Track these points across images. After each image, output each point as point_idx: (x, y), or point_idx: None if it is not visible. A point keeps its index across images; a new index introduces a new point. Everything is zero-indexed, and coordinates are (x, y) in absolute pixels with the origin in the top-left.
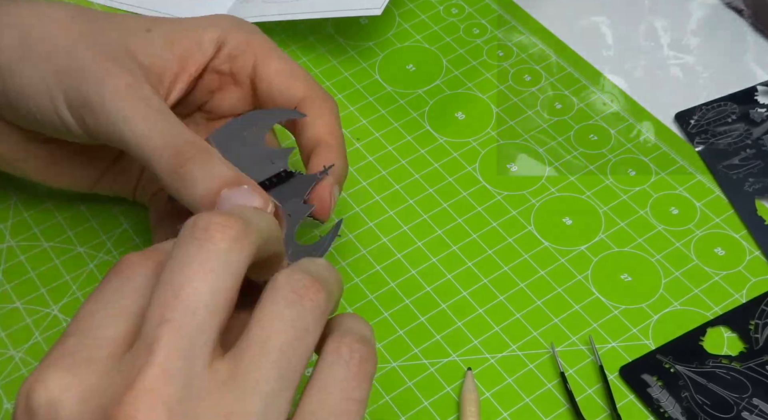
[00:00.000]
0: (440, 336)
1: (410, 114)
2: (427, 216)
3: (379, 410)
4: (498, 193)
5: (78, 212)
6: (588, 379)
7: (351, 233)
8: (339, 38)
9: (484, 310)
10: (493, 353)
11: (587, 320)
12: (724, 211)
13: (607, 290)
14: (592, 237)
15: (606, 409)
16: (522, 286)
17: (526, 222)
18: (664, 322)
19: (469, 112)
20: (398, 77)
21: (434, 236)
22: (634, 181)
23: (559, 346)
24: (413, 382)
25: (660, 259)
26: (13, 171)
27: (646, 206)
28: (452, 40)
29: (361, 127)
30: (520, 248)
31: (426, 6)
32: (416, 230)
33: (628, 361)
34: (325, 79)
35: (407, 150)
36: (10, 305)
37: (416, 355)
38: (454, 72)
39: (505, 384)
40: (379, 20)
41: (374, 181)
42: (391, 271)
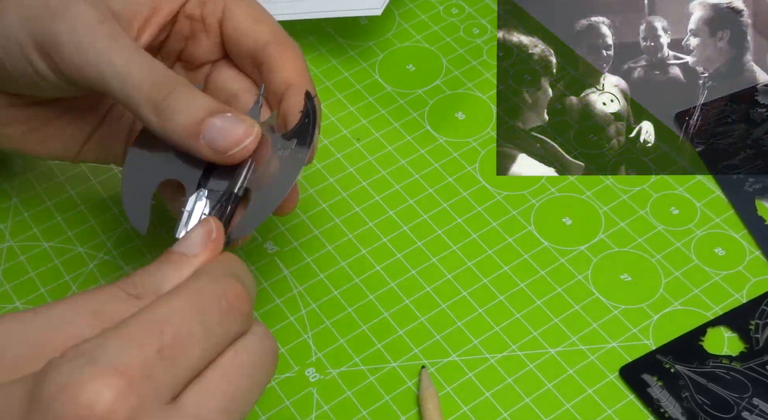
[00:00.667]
0: (440, 336)
1: (410, 114)
2: (427, 216)
3: (379, 410)
4: (498, 193)
5: (78, 212)
6: (588, 379)
7: (351, 233)
8: (339, 38)
9: (484, 310)
10: (493, 353)
11: (587, 320)
12: (724, 211)
13: (607, 290)
14: (592, 237)
15: (606, 409)
16: (522, 286)
17: (526, 222)
18: (664, 322)
19: (469, 112)
20: (398, 77)
21: (434, 236)
22: (634, 181)
23: (559, 346)
24: (413, 382)
25: (660, 259)
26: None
27: (646, 206)
28: (452, 40)
29: (361, 127)
30: (520, 248)
31: (426, 6)
32: (416, 230)
33: (628, 361)
34: (325, 79)
35: (407, 150)
36: (10, 305)
37: (416, 355)
38: (454, 72)
39: (505, 384)
40: (379, 20)
41: (374, 181)
42: (391, 271)
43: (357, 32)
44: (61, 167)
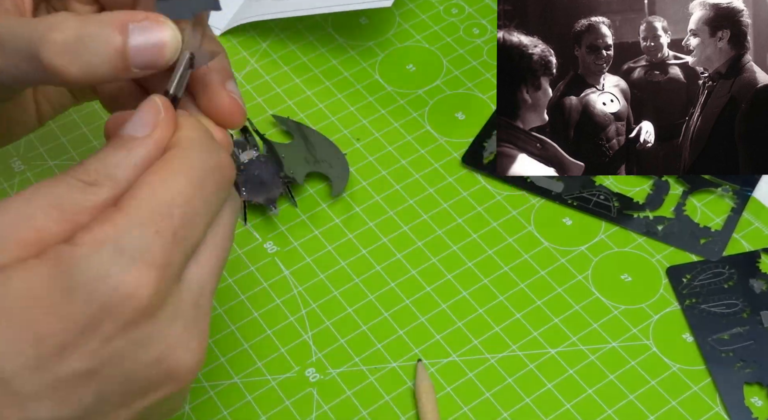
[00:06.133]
0: (440, 336)
1: (410, 114)
2: (427, 216)
3: (379, 410)
4: (498, 193)
5: None
6: (588, 379)
7: (351, 233)
8: (339, 38)
9: (484, 310)
10: (493, 353)
11: (587, 320)
12: (724, 211)
13: (607, 290)
14: (592, 237)
15: (606, 410)
16: (522, 286)
17: (526, 222)
18: (664, 322)
19: (469, 112)
20: (398, 77)
21: (434, 236)
22: (634, 181)
23: (559, 346)
24: (413, 382)
25: (660, 259)
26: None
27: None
28: (452, 40)
29: (361, 127)
30: (520, 248)
31: (426, 6)
32: (416, 230)
33: (628, 361)
34: (325, 79)
35: (407, 150)
36: None
37: (416, 355)
38: (454, 72)
39: (505, 384)
40: (379, 20)
41: (374, 181)
42: (391, 271)
43: (357, 32)
44: (62, 167)
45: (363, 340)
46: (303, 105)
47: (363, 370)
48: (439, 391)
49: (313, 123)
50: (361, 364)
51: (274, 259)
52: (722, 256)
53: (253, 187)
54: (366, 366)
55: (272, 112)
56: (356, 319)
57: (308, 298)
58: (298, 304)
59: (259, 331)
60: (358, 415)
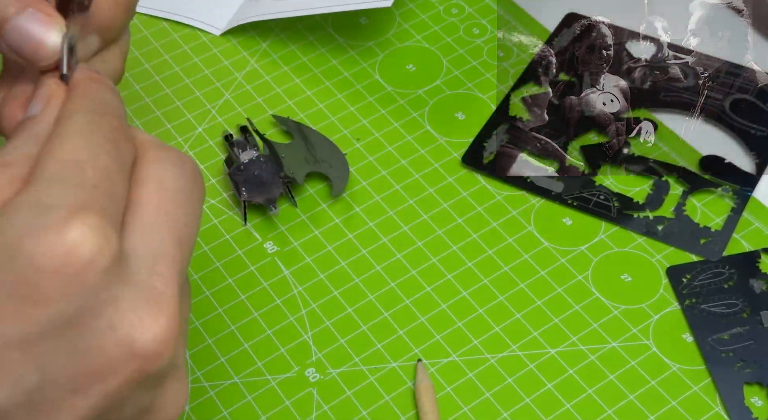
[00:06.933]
0: (440, 336)
1: (410, 114)
2: (427, 216)
3: (379, 410)
4: (498, 193)
5: None
6: (588, 379)
7: (351, 233)
8: (339, 38)
9: (484, 310)
10: (493, 353)
11: (587, 320)
12: (724, 212)
13: (607, 290)
14: (592, 237)
15: (606, 410)
16: (522, 287)
17: (526, 222)
18: (664, 322)
19: (469, 112)
20: (398, 77)
21: (434, 236)
22: (634, 181)
23: (559, 346)
24: (413, 382)
25: (660, 259)
26: None
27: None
28: (452, 40)
29: (361, 127)
30: (520, 248)
31: (426, 6)
32: (416, 230)
33: (628, 361)
34: (325, 79)
35: (407, 150)
36: None
37: (416, 355)
38: (454, 72)
39: (505, 384)
40: (379, 20)
41: (374, 181)
42: (391, 271)
43: (357, 32)
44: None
45: (363, 340)
46: (303, 105)
47: (363, 370)
48: (439, 391)
49: (313, 123)
50: (361, 364)
51: (274, 259)
52: (722, 256)
53: (253, 187)
54: (366, 366)
55: (272, 112)
56: (356, 319)
57: (308, 298)
58: (298, 304)
59: (259, 331)
60: (358, 415)
